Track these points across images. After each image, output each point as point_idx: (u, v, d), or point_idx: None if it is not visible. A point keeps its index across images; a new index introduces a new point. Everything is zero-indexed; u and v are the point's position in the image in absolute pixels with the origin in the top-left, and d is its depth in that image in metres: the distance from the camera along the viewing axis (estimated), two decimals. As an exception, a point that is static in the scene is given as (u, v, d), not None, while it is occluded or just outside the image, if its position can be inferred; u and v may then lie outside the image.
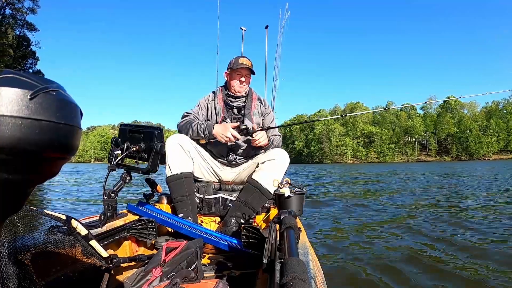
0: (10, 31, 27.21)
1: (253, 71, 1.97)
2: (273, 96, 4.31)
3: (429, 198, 6.62)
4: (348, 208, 5.27)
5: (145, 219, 1.41)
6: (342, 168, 33.05)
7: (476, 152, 66.34)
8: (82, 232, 0.93)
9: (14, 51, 28.33)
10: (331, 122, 77.11)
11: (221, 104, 1.97)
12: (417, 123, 73.06)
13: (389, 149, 73.34)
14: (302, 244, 0.95)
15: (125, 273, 1.25)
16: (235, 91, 1.96)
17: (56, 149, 0.29)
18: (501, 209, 4.78)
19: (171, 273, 1.00)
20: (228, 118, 1.97)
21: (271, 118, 2.11)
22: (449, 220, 4.11)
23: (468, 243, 2.98)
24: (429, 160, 69.27)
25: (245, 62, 1.93)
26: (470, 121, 70.34)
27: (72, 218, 0.92)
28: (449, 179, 12.16)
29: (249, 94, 2.04)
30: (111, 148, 1.32)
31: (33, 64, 30.95)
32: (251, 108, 1.99)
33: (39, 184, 0.32)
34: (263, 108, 2.06)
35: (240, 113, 1.99)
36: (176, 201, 1.70)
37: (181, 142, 1.74)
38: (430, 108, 77.72)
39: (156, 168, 1.28)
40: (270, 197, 1.75)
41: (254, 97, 2.04)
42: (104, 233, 1.17)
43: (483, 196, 6.50)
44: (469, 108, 74.80)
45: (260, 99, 2.08)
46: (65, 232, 0.91)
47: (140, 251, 1.45)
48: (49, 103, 0.28)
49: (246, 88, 1.99)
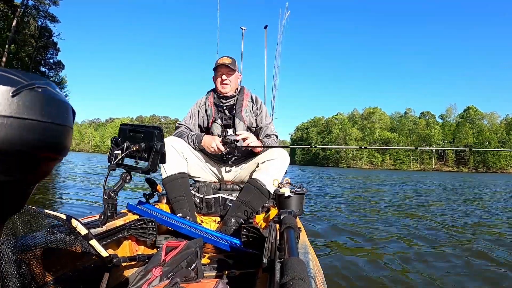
0: (33, 22, 27.75)
1: (232, 68, 1.89)
2: (273, 96, 4.32)
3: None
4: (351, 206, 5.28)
5: (145, 219, 1.41)
6: (359, 172, 31.69)
7: (494, 165, 64.68)
8: (82, 231, 0.93)
9: (36, 41, 28.90)
10: (349, 126, 75.94)
11: (212, 105, 1.96)
12: (435, 131, 71.47)
13: (406, 157, 71.92)
14: (302, 244, 0.95)
15: (125, 272, 1.25)
16: (220, 91, 1.93)
17: (43, 149, 0.28)
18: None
19: (171, 273, 1.00)
20: (218, 119, 1.96)
21: (266, 118, 2.01)
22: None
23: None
24: (446, 170, 67.65)
25: (222, 61, 1.90)
26: (489, 132, 68.25)
27: (72, 218, 0.92)
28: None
29: (240, 92, 1.99)
30: (111, 148, 1.32)
31: (54, 54, 31.88)
32: (241, 106, 1.95)
33: (36, 184, 0.31)
34: (255, 107, 1.99)
35: (231, 113, 1.95)
36: (173, 201, 1.71)
37: (173, 144, 1.76)
38: (449, 117, 76.29)
39: (156, 167, 1.28)
40: (270, 197, 1.75)
41: (246, 95, 1.99)
42: (104, 233, 1.18)
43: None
44: (489, 119, 72.71)
45: (252, 97, 2.01)
46: (65, 231, 0.91)
47: (140, 250, 1.45)
48: (33, 101, 0.26)
49: (231, 87, 1.93)
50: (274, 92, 4.32)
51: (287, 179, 1.41)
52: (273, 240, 0.87)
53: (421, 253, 2.71)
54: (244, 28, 3.99)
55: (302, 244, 0.94)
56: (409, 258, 2.58)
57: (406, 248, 2.85)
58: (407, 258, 2.58)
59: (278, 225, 0.89)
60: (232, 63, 1.91)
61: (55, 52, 31.68)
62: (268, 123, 2.00)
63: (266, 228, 1.45)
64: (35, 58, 30.14)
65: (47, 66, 32.55)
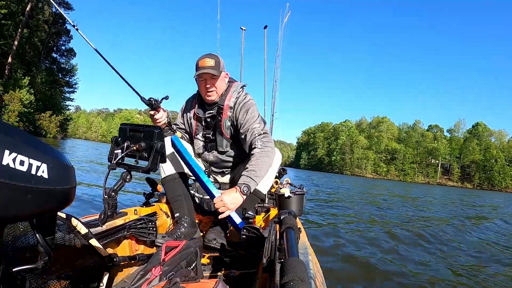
0: (47, 8, 28.10)
1: (216, 75, 1.56)
2: (274, 97, 4.31)
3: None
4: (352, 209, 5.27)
5: (145, 219, 1.41)
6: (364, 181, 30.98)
7: (499, 183, 63.85)
8: (82, 230, 0.93)
9: (49, 27, 29.27)
10: (356, 134, 75.57)
11: (194, 114, 1.74)
12: (442, 145, 70.72)
13: (411, 169, 71.24)
14: (302, 244, 0.95)
15: (124, 272, 1.25)
16: (206, 99, 1.65)
17: None
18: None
19: (170, 273, 1.00)
20: (199, 133, 1.75)
21: (245, 118, 1.61)
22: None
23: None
24: (450, 184, 66.88)
25: (203, 64, 1.57)
26: (496, 150, 67.37)
27: (72, 217, 0.92)
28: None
29: (224, 95, 1.65)
30: (111, 147, 1.32)
31: (67, 42, 32.57)
32: (222, 119, 1.66)
33: None
34: (233, 118, 1.65)
35: (212, 124, 1.70)
36: (172, 201, 1.70)
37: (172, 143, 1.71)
38: (457, 131, 75.39)
39: (156, 167, 1.29)
40: (262, 197, 1.75)
41: (229, 98, 1.64)
42: (104, 232, 1.17)
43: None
44: (498, 136, 71.81)
45: (233, 102, 1.64)
46: (65, 230, 0.91)
47: (140, 250, 1.45)
48: None
49: (217, 93, 1.63)
50: (274, 93, 4.31)
51: (287, 179, 1.41)
52: (273, 241, 0.87)
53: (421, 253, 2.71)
54: (244, 28, 3.99)
55: (302, 245, 0.94)
56: (409, 257, 2.58)
57: (407, 248, 2.85)
58: (407, 258, 2.58)
59: (278, 225, 0.89)
60: (216, 65, 1.57)
61: (68, 39, 32.15)
62: (251, 123, 1.61)
63: (266, 228, 1.45)
64: (48, 44, 30.30)
65: (59, 52, 32.97)
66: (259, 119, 1.65)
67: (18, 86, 23.88)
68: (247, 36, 4.01)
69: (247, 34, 4.03)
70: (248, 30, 4.10)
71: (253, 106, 1.65)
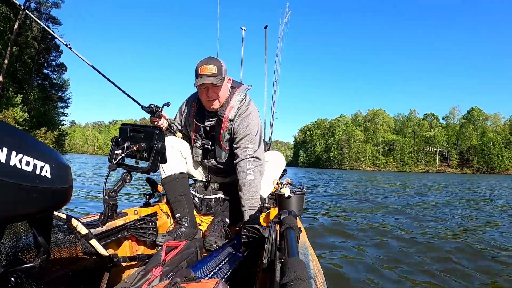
0: (35, 24, 28.02)
1: (219, 84, 1.48)
2: (274, 97, 4.31)
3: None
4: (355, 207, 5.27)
5: (145, 219, 1.41)
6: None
7: (498, 166, 63.96)
8: (82, 231, 0.93)
9: (39, 43, 29.19)
10: (352, 128, 75.44)
11: (192, 120, 1.70)
12: (439, 133, 70.68)
13: (409, 159, 71.01)
14: (302, 244, 0.95)
15: (125, 272, 1.25)
16: (207, 108, 1.60)
17: None
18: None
19: (171, 273, 1.00)
20: (198, 142, 1.70)
21: (243, 134, 1.58)
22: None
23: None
24: (450, 171, 66.54)
25: (204, 71, 1.47)
26: (493, 133, 67.27)
27: (72, 217, 0.92)
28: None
29: (225, 104, 1.58)
30: (111, 148, 1.32)
31: (57, 57, 32.35)
32: (221, 130, 1.61)
33: None
34: (232, 131, 1.61)
35: (211, 134, 1.67)
36: (172, 202, 1.70)
37: (172, 143, 1.71)
38: (453, 118, 75.41)
39: (156, 167, 1.29)
40: (263, 201, 1.74)
41: (229, 109, 1.58)
42: (104, 233, 1.17)
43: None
44: (493, 120, 71.79)
45: (234, 115, 1.58)
46: (65, 231, 0.91)
47: (140, 250, 1.45)
48: None
49: (220, 101, 1.57)
50: (274, 93, 4.31)
51: (288, 180, 1.41)
52: (273, 241, 0.87)
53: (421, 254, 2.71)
54: (245, 28, 3.99)
55: (302, 245, 0.94)
56: (408, 258, 2.58)
57: (406, 249, 2.84)
58: (407, 258, 2.58)
59: (278, 225, 0.89)
60: (218, 72, 1.48)
61: (58, 55, 32.00)
62: (246, 142, 1.59)
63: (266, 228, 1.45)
64: (38, 60, 30.30)
65: (50, 68, 32.80)
66: (256, 137, 1.62)
67: (11, 104, 23.35)
68: (247, 36, 4.01)
69: (247, 34, 4.03)
70: (249, 30, 4.10)
71: (253, 122, 1.61)
